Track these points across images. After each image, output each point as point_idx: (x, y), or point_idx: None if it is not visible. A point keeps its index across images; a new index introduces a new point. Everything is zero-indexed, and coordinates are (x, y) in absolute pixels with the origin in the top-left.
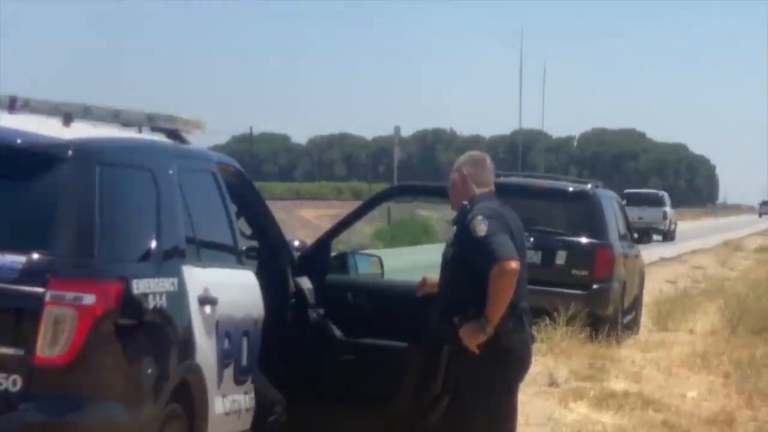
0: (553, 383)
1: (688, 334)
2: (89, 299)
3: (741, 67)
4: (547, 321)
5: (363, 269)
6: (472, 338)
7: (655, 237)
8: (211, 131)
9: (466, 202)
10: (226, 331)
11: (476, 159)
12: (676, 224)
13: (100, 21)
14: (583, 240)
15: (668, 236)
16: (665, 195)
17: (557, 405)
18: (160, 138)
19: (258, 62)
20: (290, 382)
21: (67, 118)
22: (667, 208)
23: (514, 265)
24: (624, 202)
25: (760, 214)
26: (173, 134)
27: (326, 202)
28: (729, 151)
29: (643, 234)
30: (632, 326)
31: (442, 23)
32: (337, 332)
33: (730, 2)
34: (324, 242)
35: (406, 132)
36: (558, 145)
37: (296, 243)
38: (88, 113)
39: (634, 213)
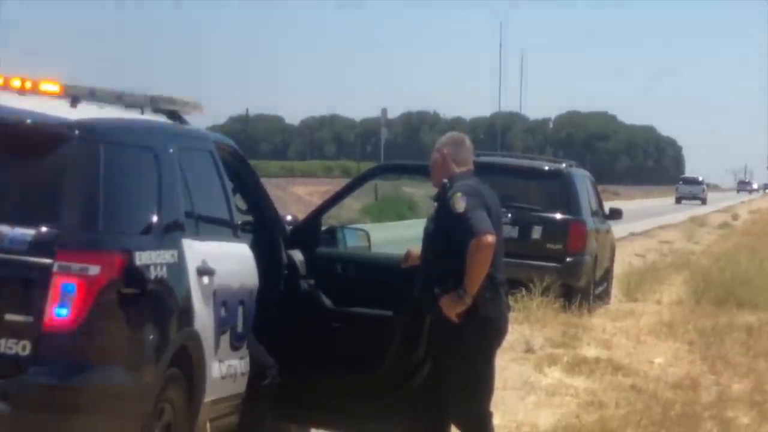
0: (529, 350)
1: (656, 304)
2: (94, 270)
3: (707, 54)
4: (524, 292)
5: (351, 242)
6: (452, 308)
7: (697, 202)
8: (210, 113)
9: (446, 180)
10: (222, 300)
11: (456, 140)
12: (707, 194)
13: (100, 6)
14: (558, 216)
15: (704, 202)
16: (704, 179)
17: (533, 370)
18: (161, 119)
19: (254, 48)
20: (283, 347)
21: (74, 100)
22: (704, 186)
23: (490, 239)
24: (681, 182)
25: (738, 191)
26: (173, 115)
27: (317, 180)
28: (695, 132)
29: (690, 200)
30: (603, 297)
31: (427, 11)
32: (327, 301)
33: None
34: (315, 217)
35: (393, 114)
36: (535, 126)
37: (289, 218)
38: (93, 96)
39: (687, 189)
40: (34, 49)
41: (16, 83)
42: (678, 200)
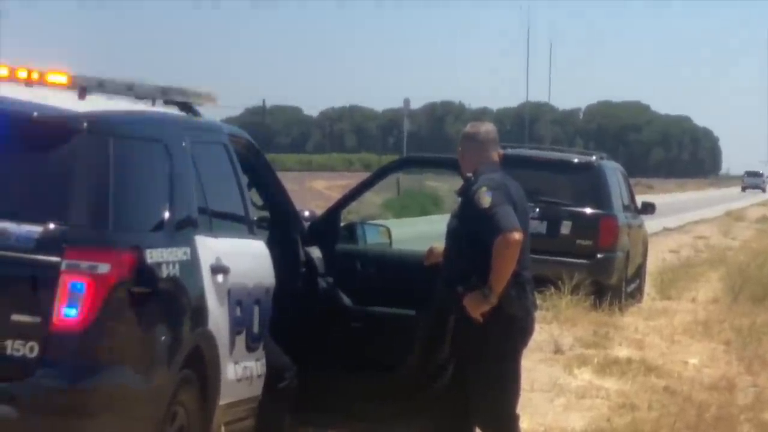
0: (558, 350)
1: (691, 302)
2: (104, 268)
3: (745, 40)
4: (552, 290)
5: (372, 239)
6: (476, 307)
7: (757, 191)
8: (225, 104)
9: (470, 174)
10: (237, 300)
11: (467, 136)
12: (767, 185)
13: None
14: (588, 210)
15: (764, 190)
16: (764, 172)
17: (562, 371)
18: (173, 111)
19: (271, 36)
20: (300, 349)
21: (82, 92)
22: (764, 178)
23: (517, 236)
24: (745, 175)
25: None
26: (186, 107)
27: (337, 174)
28: (732, 123)
29: (753, 188)
30: (636, 295)
31: None
32: (346, 300)
33: None
34: (334, 212)
35: (416, 104)
36: (564, 117)
37: (306, 213)
38: (102, 87)
39: (751, 180)
40: (39, 38)
41: (23, 74)
42: (743, 189)
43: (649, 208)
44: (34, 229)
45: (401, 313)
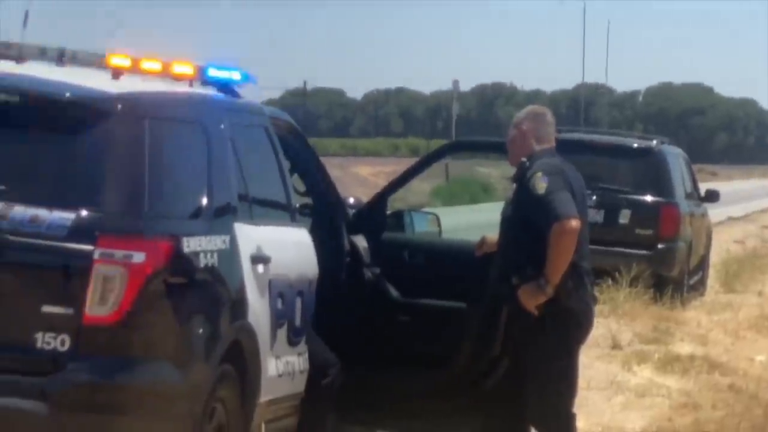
0: (616, 346)
1: (757, 295)
2: (139, 257)
3: None
4: (610, 282)
5: (420, 227)
6: (531, 299)
7: None
8: (264, 85)
9: (525, 159)
10: (279, 291)
11: (536, 114)
12: None
13: None
14: (648, 198)
15: None
16: None
17: (620, 368)
18: (211, 92)
19: (312, 15)
20: (345, 343)
21: (117, 71)
22: None
23: (575, 224)
24: None
25: None
26: (225, 88)
27: (382, 159)
28: None
29: None
30: (698, 287)
31: None
32: (394, 292)
33: None
34: (380, 200)
35: (465, 86)
36: (622, 100)
37: (351, 200)
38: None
39: None
40: (61, 16)
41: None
42: None
43: (712, 196)
44: (67, 216)
45: (451, 306)
